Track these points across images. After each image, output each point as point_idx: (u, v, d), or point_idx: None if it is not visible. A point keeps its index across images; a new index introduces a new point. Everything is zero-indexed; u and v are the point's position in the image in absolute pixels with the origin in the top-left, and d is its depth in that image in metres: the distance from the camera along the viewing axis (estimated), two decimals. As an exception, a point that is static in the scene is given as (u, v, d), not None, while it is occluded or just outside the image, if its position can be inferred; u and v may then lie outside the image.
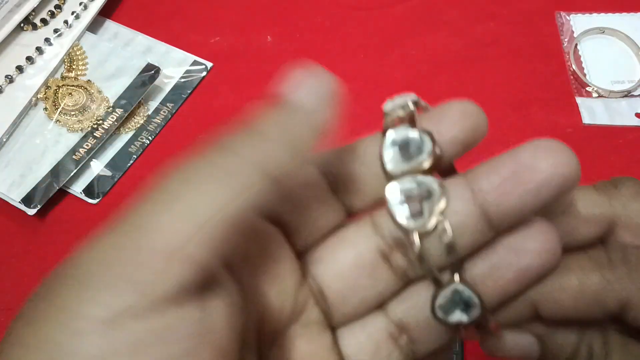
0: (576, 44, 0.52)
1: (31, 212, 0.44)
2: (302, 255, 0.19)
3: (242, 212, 0.14)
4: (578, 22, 0.53)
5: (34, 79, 0.50)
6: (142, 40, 0.54)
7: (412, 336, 0.18)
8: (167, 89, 0.52)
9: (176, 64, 0.53)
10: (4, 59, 0.51)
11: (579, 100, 0.49)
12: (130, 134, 0.49)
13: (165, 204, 0.14)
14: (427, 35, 0.54)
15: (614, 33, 0.52)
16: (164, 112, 0.50)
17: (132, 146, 0.49)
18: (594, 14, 0.54)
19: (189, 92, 0.51)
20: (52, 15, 0.53)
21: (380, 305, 0.19)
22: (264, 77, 0.53)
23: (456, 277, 0.17)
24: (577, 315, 0.18)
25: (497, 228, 0.17)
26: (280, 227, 0.18)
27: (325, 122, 0.17)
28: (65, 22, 0.53)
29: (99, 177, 0.47)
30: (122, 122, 0.49)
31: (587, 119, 0.48)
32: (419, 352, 0.19)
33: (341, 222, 0.19)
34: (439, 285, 0.17)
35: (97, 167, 0.47)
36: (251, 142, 0.15)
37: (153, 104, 0.51)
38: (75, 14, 0.53)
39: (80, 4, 0.54)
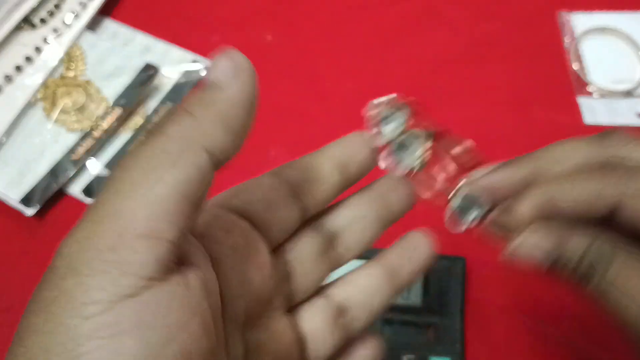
0: (577, 44, 0.52)
1: (30, 212, 0.44)
2: (274, 249, 0.22)
3: (193, 187, 0.16)
4: (579, 21, 0.53)
5: (32, 79, 0.50)
6: (142, 39, 0.54)
7: (352, 315, 0.23)
8: (167, 88, 0.51)
9: (175, 63, 0.53)
10: (3, 58, 0.51)
11: (580, 99, 0.49)
12: (130, 133, 0.49)
13: (127, 191, 0.16)
14: (427, 34, 0.54)
15: (615, 32, 0.52)
16: (164, 111, 0.50)
17: (132, 146, 0.48)
18: (595, 13, 0.54)
19: (188, 91, 0.51)
20: (51, 14, 0.53)
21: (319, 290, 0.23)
22: (264, 77, 0.53)
23: (462, 181, 0.25)
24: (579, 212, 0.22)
25: (396, 286, 0.25)
26: (251, 223, 0.21)
27: (244, 95, 0.19)
28: (64, 21, 0.53)
29: (98, 177, 0.47)
30: (121, 122, 0.49)
31: (588, 119, 0.48)
32: (355, 329, 0.23)
33: (298, 222, 0.23)
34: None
35: (96, 167, 0.47)
36: (185, 124, 0.17)
37: (152, 104, 0.51)
38: (74, 13, 0.53)
39: (80, 3, 0.54)
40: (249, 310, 0.20)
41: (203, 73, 0.52)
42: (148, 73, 0.50)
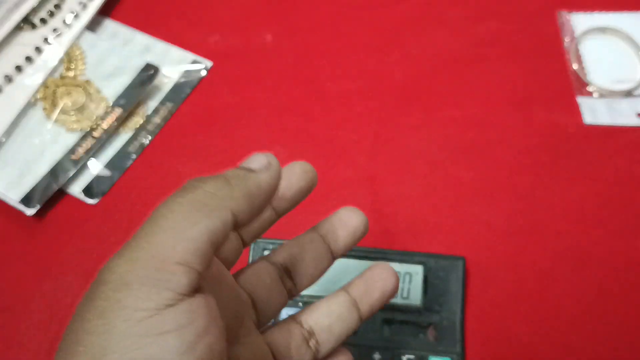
0: (577, 44, 0.52)
1: (30, 212, 0.44)
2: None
3: (218, 236, 0.21)
4: (579, 21, 0.53)
5: (32, 79, 0.50)
6: (141, 39, 0.54)
7: (318, 339, 0.27)
8: (167, 88, 0.51)
9: (175, 63, 0.53)
10: (3, 58, 0.51)
11: (580, 99, 0.49)
12: (130, 133, 0.49)
13: (170, 228, 0.20)
14: (427, 34, 0.54)
15: (616, 32, 0.52)
16: (163, 111, 0.50)
17: (131, 146, 0.48)
18: (595, 13, 0.54)
19: (188, 91, 0.51)
20: (52, 14, 0.53)
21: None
22: (264, 77, 0.53)
23: None
24: None
25: (362, 314, 0.28)
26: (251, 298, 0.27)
27: (268, 181, 0.24)
28: (64, 21, 0.53)
29: (98, 177, 0.47)
30: (121, 121, 0.49)
31: (588, 119, 0.48)
32: (322, 351, 0.27)
33: (329, 265, 0.29)
34: None
35: (96, 167, 0.47)
36: (222, 187, 0.22)
37: (152, 104, 0.51)
38: (74, 14, 0.53)
39: (80, 3, 0.54)
40: (228, 328, 0.23)
41: (203, 73, 0.52)
42: (148, 73, 0.50)
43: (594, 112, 0.49)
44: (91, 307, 0.19)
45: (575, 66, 0.50)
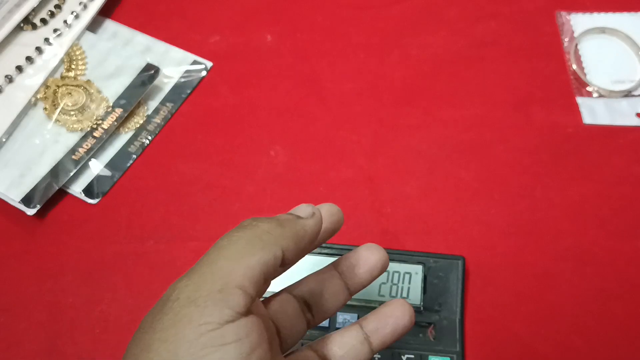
0: (576, 44, 0.52)
1: (31, 212, 0.44)
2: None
3: (269, 268, 0.24)
4: (578, 21, 0.53)
5: (33, 79, 0.50)
6: (142, 39, 0.54)
7: None
8: (167, 88, 0.51)
9: (176, 64, 0.53)
10: (3, 58, 0.51)
11: (579, 100, 0.49)
12: (130, 133, 0.49)
13: (232, 257, 0.24)
14: (427, 35, 0.54)
15: (615, 33, 0.52)
16: (164, 111, 0.50)
17: (132, 146, 0.49)
18: (595, 14, 0.54)
19: (188, 91, 0.51)
20: (52, 15, 0.53)
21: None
22: (264, 77, 0.53)
23: None
24: None
25: (374, 347, 0.30)
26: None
27: (312, 226, 0.27)
28: (65, 21, 0.53)
29: (98, 177, 0.47)
30: (122, 122, 0.49)
31: (587, 119, 0.48)
32: None
33: (346, 300, 0.31)
34: None
35: (97, 167, 0.47)
36: (276, 227, 0.25)
37: (153, 104, 0.51)
38: (74, 14, 0.53)
39: (80, 3, 0.54)
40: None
41: (203, 73, 0.52)
42: (148, 73, 0.50)
43: (594, 112, 0.49)
44: (161, 320, 0.22)
45: (574, 66, 0.51)
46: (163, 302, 0.23)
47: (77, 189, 0.46)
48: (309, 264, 0.31)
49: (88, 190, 0.46)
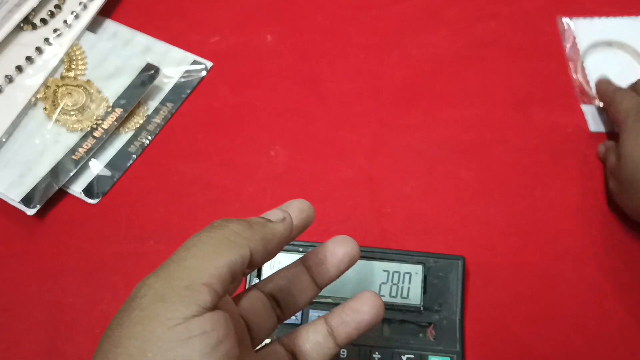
0: (581, 55, 0.51)
1: (31, 212, 0.44)
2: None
3: (236, 267, 0.25)
4: (580, 27, 0.53)
5: (33, 79, 0.50)
6: (142, 39, 0.54)
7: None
8: (167, 88, 0.51)
9: (176, 64, 0.53)
10: (3, 58, 0.51)
11: (584, 107, 0.49)
12: (130, 133, 0.49)
13: (200, 256, 0.24)
14: (427, 35, 0.54)
15: (622, 47, 0.51)
16: (164, 111, 0.50)
17: (132, 146, 0.49)
18: (596, 18, 0.53)
19: (188, 91, 0.51)
20: (52, 15, 0.53)
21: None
22: (264, 77, 0.53)
23: None
24: None
25: (339, 342, 0.30)
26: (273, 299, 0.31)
27: (281, 231, 0.28)
28: (65, 21, 0.53)
29: (98, 177, 0.47)
30: (122, 122, 0.49)
31: (593, 127, 0.48)
32: None
33: (314, 295, 0.31)
34: None
35: (97, 167, 0.47)
36: (245, 229, 0.26)
37: (153, 104, 0.51)
38: (74, 14, 0.53)
39: (80, 3, 0.54)
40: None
41: (203, 73, 0.52)
42: (148, 73, 0.50)
43: (598, 119, 0.48)
44: (129, 317, 0.23)
45: (579, 78, 0.50)
46: (131, 299, 0.24)
47: (77, 189, 0.46)
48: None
49: (88, 190, 0.46)
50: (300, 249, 0.41)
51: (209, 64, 0.53)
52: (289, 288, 0.31)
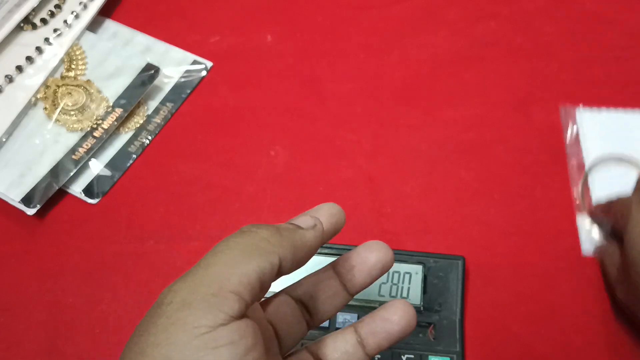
0: (586, 174, 0.45)
1: (30, 212, 0.44)
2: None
3: (265, 275, 0.24)
4: (585, 118, 0.47)
5: (33, 79, 0.50)
6: (142, 39, 0.54)
7: None
8: (167, 88, 0.51)
9: (176, 64, 0.53)
10: (3, 58, 0.51)
11: (579, 221, 0.43)
12: (130, 133, 0.49)
13: (228, 263, 0.24)
14: (427, 35, 0.54)
15: (633, 163, 0.45)
16: (164, 111, 0.50)
17: (132, 146, 0.49)
18: (604, 109, 0.48)
19: (188, 91, 0.51)
20: (52, 14, 0.53)
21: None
22: (264, 77, 0.53)
23: None
24: None
25: (368, 352, 0.29)
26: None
27: (311, 239, 0.27)
28: (65, 21, 0.53)
29: (98, 177, 0.47)
30: (122, 121, 0.49)
31: (586, 247, 0.43)
32: None
33: (345, 302, 0.30)
34: None
35: (97, 167, 0.47)
36: (274, 235, 0.25)
37: (153, 104, 0.51)
38: (75, 14, 0.53)
39: (80, 3, 0.54)
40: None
41: (203, 73, 0.52)
42: (148, 73, 0.50)
43: (592, 240, 0.43)
44: (155, 324, 0.22)
45: (580, 191, 0.45)
46: (157, 305, 0.23)
47: (77, 188, 0.46)
48: (308, 264, 0.31)
49: (88, 190, 0.46)
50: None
51: (209, 64, 0.53)
52: (318, 294, 0.30)
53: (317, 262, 0.38)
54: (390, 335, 0.28)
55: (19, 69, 0.50)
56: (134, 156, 0.48)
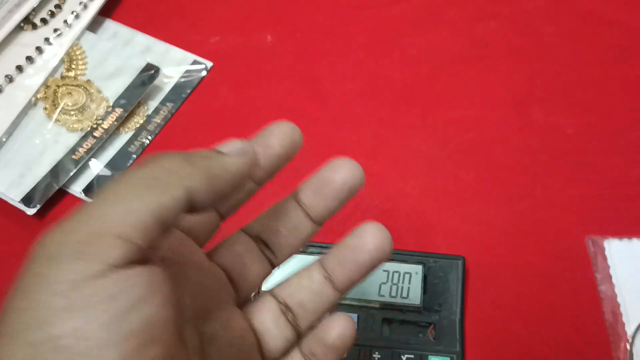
0: (629, 335, 0.39)
1: (30, 212, 0.44)
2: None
3: (166, 212, 0.19)
4: (614, 250, 0.42)
5: (33, 79, 0.50)
6: (142, 39, 0.54)
7: (295, 314, 0.26)
8: (167, 88, 0.51)
9: (176, 64, 0.53)
10: (3, 58, 0.51)
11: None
12: (130, 133, 0.49)
13: (113, 201, 0.19)
14: (427, 35, 0.54)
15: None
16: (164, 111, 0.50)
17: (132, 146, 0.49)
18: (634, 239, 0.42)
19: (188, 91, 0.51)
20: (52, 14, 0.53)
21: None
22: (264, 77, 0.53)
23: None
24: None
25: (338, 287, 0.26)
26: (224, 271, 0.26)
27: (236, 165, 0.22)
28: (65, 21, 0.53)
29: (98, 177, 0.47)
30: (122, 121, 0.49)
31: None
32: (302, 326, 0.26)
33: (311, 232, 0.27)
34: None
35: (97, 166, 0.47)
36: (177, 163, 0.21)
37: (153, 104, 0.51)
38: (75, 14, 0.53)
39: (80, 3, 0.54)
40: (196, 304, 0.23)
41: (203, 73, 0.52)
42: (148, 73, 0.50)
43: None
44: (17, 285, 0.18)
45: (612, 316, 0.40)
46: (25, 262, 0.19)
47: (77, 188, 0.46)
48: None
49: (88, 190, 0.46)
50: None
51: (209, 64, 0.53)
52: (279, 227, 0.26)
53: (308, 262, 0.37)
54: (359, 265, 0.25)
55: (19, 68, 0.50)
56: (134, 156, 0.48)
